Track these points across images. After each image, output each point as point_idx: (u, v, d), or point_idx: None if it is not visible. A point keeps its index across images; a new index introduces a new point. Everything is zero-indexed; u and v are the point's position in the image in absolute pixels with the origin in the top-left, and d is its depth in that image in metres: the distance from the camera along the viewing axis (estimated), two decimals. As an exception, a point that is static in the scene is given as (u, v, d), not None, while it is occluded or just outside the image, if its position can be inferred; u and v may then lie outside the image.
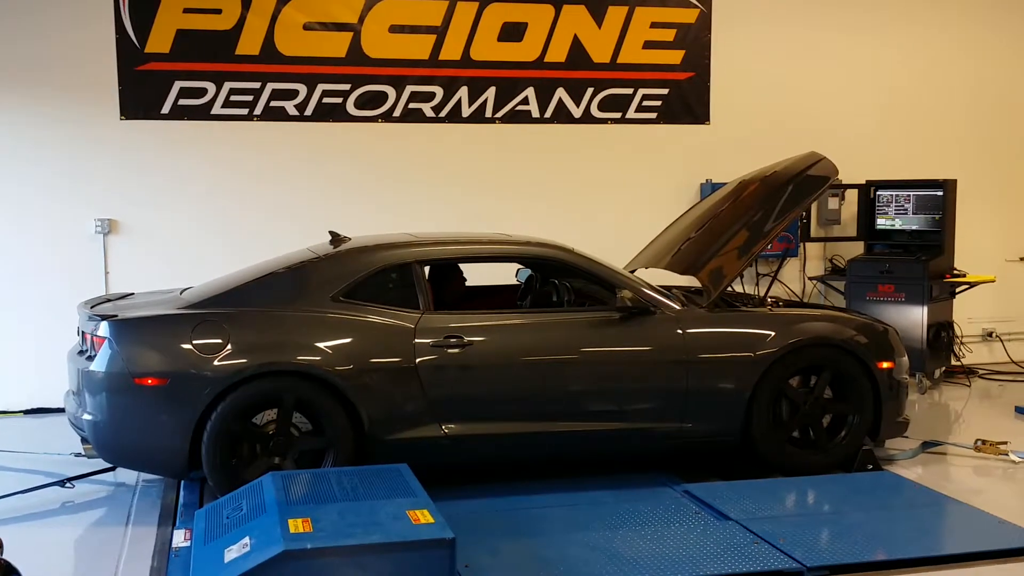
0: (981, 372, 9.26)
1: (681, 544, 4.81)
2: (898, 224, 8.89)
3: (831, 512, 5.50)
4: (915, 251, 8.68)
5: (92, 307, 5.77)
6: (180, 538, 4.83)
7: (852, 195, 9.18)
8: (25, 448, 6.62)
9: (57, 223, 7.77)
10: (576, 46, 8.60)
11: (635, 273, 6.79)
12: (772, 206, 6.40)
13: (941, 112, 9.56)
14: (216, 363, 5.23)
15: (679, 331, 5.86)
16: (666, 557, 4.66)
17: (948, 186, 8.63)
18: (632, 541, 4.87)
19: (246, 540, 4.14)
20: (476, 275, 6.90)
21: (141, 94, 7.82)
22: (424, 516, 4.30)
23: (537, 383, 5.68)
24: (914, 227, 8.81)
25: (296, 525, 4.14)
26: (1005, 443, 6.57)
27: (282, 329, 5.43)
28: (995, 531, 5.10)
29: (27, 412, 7.73)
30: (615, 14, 8.65)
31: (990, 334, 9.75)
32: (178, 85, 7.88)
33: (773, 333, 5.95)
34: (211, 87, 7.94)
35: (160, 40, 7.79)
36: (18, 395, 7.73)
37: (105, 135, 7.81)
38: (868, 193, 9.03)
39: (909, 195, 8.80)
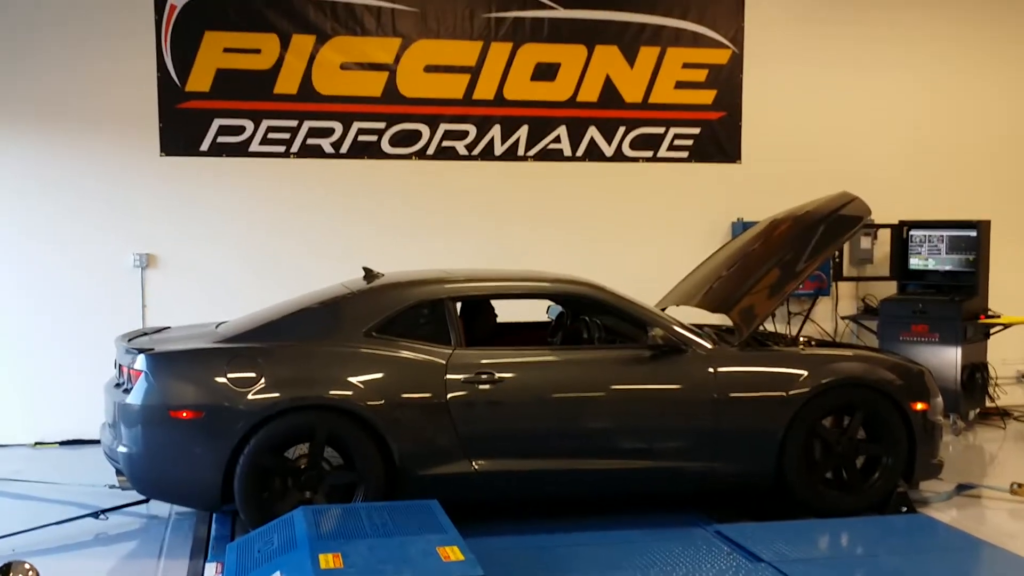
0: (1016, 414, 9.14)
1: (712, 585, 4.79)
2: (931, 264, 8.84)
3: (864, 555, 5.46)
4: (948, 291, 8.63)
5: (129, 340, 5.86)
6: (212, 571, 4.87)
7: (885, 235, 9.14)
8: (61, 479, 6.70)
9: (97, 257, 7.91)
10: (608, 86, 8.68)
11: (666, 311, 6.81)
12: (804, 245, 6.39)
13: (974, 152, 9.53)
14: (250, 397, 5.29)
15: (710, 370, 5.85)
16: (696, 598, 4.63)
17: (982, 227, 8.58)
18: (664, 582, 4.85)
19: (277, 574, 4.17)
20: (507, 311, 6.94)
21: (181, 131, 7.98)
22: (454, 553, 4.31)
23: (567, 420, 5.69)
24: (947, 267, 8.76)
25: (327, 560, 4.17)
26: (1042, 487, 6.49)
27: (315, 364, 5.49)
28: (1030, 576, 5.05)
29: (63, 443, 7.83)
30: (647, 55, 8.72)
31: (1025, 376, 9.65)
32: (217, 123, 8.02)
33: (806, 373, 5.92)
34: (249, 125, 8.08)
35: (200, 79, 7.95)
36: (55, 427, 7.84)
37: (145, 171, 7.96)
38: (901, 233, 8.99)
39: (943, 235, 8.76)
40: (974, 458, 7.84)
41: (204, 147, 8.02)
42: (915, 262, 8.94)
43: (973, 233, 8.59)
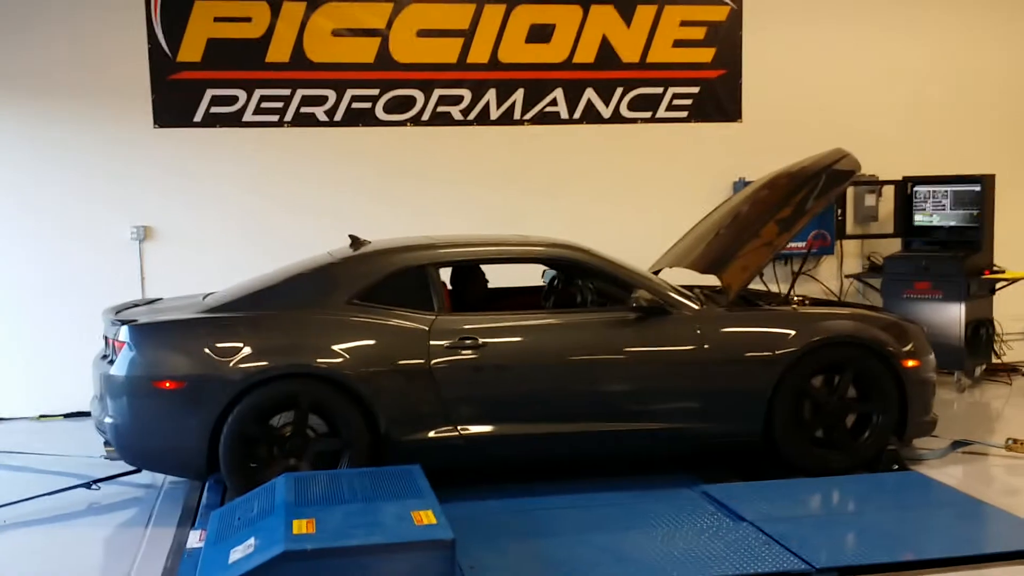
0: (1024, 370, 9.06)
1: (691, 545, 4.78)
2: (936, 220, 8.72)
3: (850, 512, 5.45)
4: (953, 247, 8.51)
5: (117, 312, 5.91)
6: (195, 539, 4.92)
7: (889, 191, 9.01)
8: (61, 451, 6.79)
9: (94, 230, 7.97)
10: (605, 46, 8.58)
11: (660, 273, 6.78)
12: (794, 203, 6.33)
13: (978, 106, 9.35)
14: (232, 366, 5.32)
15: (697, 330, 5.82)
16: (673, 558, 4.63)
17: (986, 181, 8.44)
18: (642, 542, 4.85)
19: (251, 541, 4.21)
20: (506, 276, 6.92)
21: (174, 102, 7.99)
22: (427, 517, 4.33)
23: (551, 384, 5.69)
24: (952, 223, 8.63)
25: (300, 526, 4.19)
26: (1039, 442, 6.43)
27: (298, 332, 5.51)
28: (1017, 531, 4.99)
29: (67, 416, 7.93)
30: (644, 13, 8.60)
31: (1035, 331, 9.51)
32: (210, 93, 8.02)
33: (793, 332, 5.88)
34: (242, 94, 8.07)
35: (192, 49, 7.94)
36: (58, 400, 7.93)
37: (139, 143, 7.99)
38: (905, 189, 8.86)
39: (947, 191, 8.62)
40: (976, 415, 7.76)
41: (197, 118, 8.02)
42: (920, 218, 8.82)
43: (977, 188, 8.46)
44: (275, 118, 8.15)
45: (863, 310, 6.56)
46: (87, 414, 7.72)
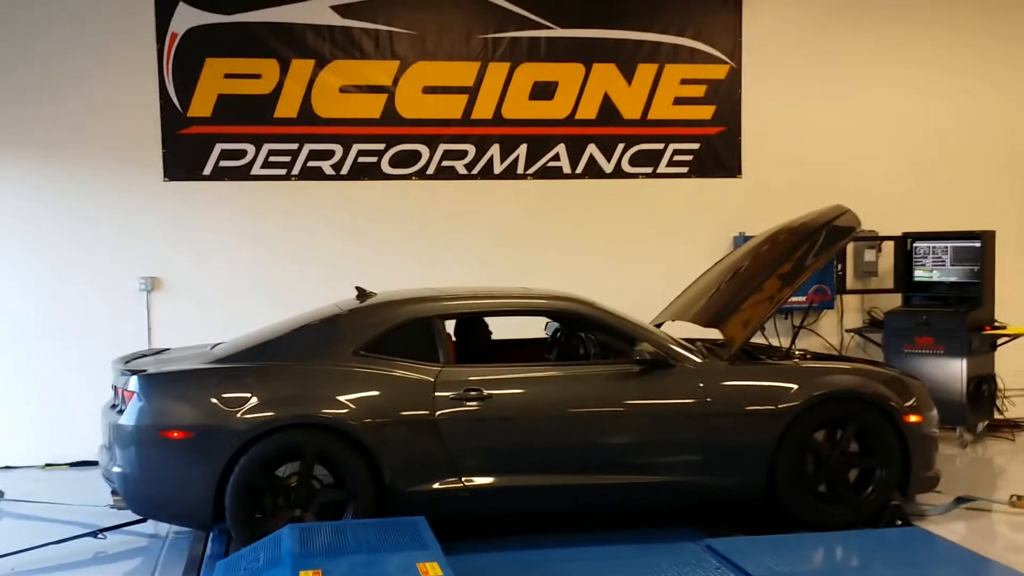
0: (1027, 426, 9.07)
1: (696, 599, 4.79)
2: (936, 276, 8.80)
3: (855, 568, 5.44)
4: (954, 303, 8.57)
5: (126, 362, 5.96)
6: (201, 588, 4.93)
7: (889, 247, 9.11)
8: (67, 500, 6.79)
9: (102, 280, 8.06)
10: (606, 103, 8.73)
11: (662, 327, 6.84)
12: (795, 258, 6.40)
13: (978, 162, 9.48)
14: (239, 416, 5.36)
15: (699, 384, 5.86)
16: (679, 612, 4.64)
17: (986, 237, 8.53)
18: (648, 596, 4.85)
19: (258, 590, 4.23)
20: (508, 329, 6.98)
21: (184, 156, 8.12)
22: (433, 569, 4.34)
23: (555, 436, 5.72)
24: (952, 279, 8.71)
25: (307, 576, 4.21)
26: (1042, 498, 6.44)
27: (304, 383, 5.56)
28: (1023, 588, 5.00)
29: (73, 465, 7.94)
30: (645, 71, 8.77)
31: (1036, 387, 9.54)
32: (219, 147, 8.16)
33: (796, 386, 5.92)
34: (251, 149, 8.21)
35: (202, 104, 8.10)
36: (65, 448, 7.94)
37: (149, 196, 8.11)
38: (905, 245, 8.96)
39: (947, 247, 8.71)
40: (979, 471, 7.77)
41: (207, 171, 8.16)
42: (920, 274, 8.90)
43: (977, 244, 8.55)
44: (283, 172, 8.28)
45: (865, 365, 6.61)
46: (93, 463, 7.72)
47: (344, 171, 8.36)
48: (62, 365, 8.00)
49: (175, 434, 5.35)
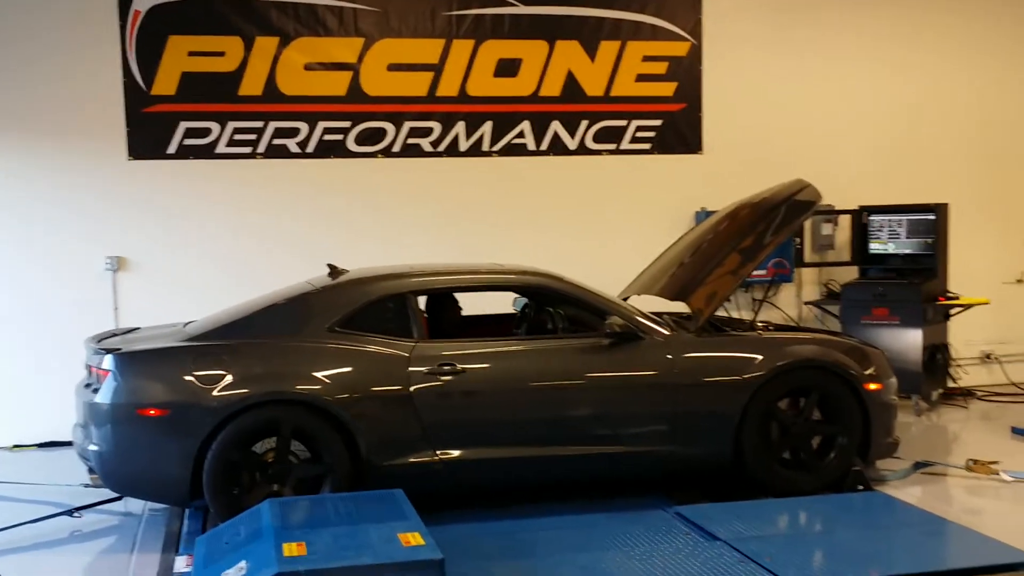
0: (980, 394, 9.34)
1: (669, 564, 4.93)
2: (891, 248, 9.02)
3: (819, 531, 5.63)
4: (909, 275, 8.80)
5: (98, 341, 5.97)
6: (182, 564, 4.99)
7: (846, 220, 9.31)
8: (38, 480, 6.78)
9: (67, 261, 8.01)
10: (570, 80, 8.81)
11: (629, 300, 6.96)
12: (757, 232, 6.54)
13: (933, 136, 9.70)
14: (216, 393, 5.40)
15: (668, 356, 6.00)
16: (653, 576, 4.78)
17: (940, 210, 8.75)
18: (622, 562, 4.99)
19: (242, 564, 4.29)
20: (476, 304, 7.07)
21: (148, 135, 8.07)
22: (415, 538, 4.44)
23: (528, 408, 5.83)
24: (907, 251, 8.93)
25: (291, 549, 4.28)
26: (996, 463, 6.66)
27: (280, 359, 5.61)
28: (980, 549, 5.19)
29: (41, 445, 7.90)
30: (608, 48, 8.86)
31: (988, 356, 9.82)
32: (184, 126, 8.12)
33: (761, 356, 6.08)
34: (215, 127, 8.18)
35: (166, 83, 8.05)
36: (33, 429, 7.91)
37: (114, 175, 8.06)
38: (861, 219, 9.16)
39: (902, 219, 8.93)
40: (935, 437, 8.01)
41: (171, 150, 8.12)
42: (875, 247, 9.11)
43: (931, 216, 8.77)
44: (248, 150, 8.26)
45: (826, 335, 6.78)
46: (62, 443, 7.75)
47: (310, 149, 8.36)
48: (27, 346, 7.95)
49: (151, 412, 5.38)
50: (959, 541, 5.40)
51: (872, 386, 6.23)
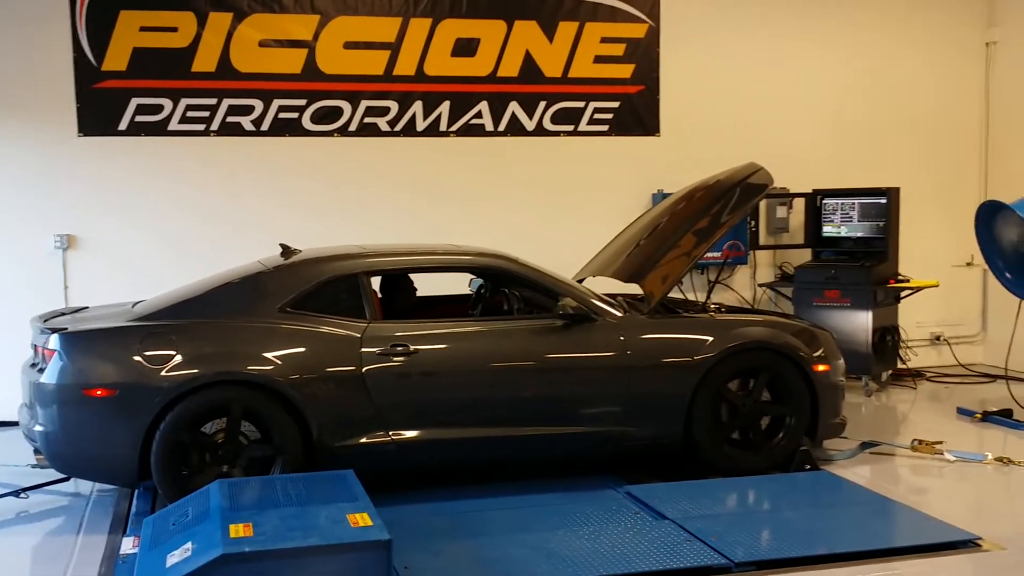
0: (928, 375, 9.49)
1: (617, 543, 4.98)
2: (844, 231, 9.12)
3: (766, 510, 5.70)
4: (860, 257, 8.91)
5: (45, 321, 5.89)
6: (128, 545, 4.96)
7: (800, 203, 9.39)
8: (-17, 461, 6.72)
9: (17, 239, 7.89)
10: (528, 61, 8.79)
11: (584, 282, 6.99)
12: (710, 215, 6.60)
13: (886, 123, 9.81)
14: (164, 374, 5.36)
15: (620, 337, 6.03)
16: (600, 555, 4.83)
17: (891, 194, 8.86)
18: (570, 541, 5.03)
19: (188, 545, 4.27)
20: (433, 285, 7.05)
21: (99, 111, 7.95)
22: (363, 519, 4.43)
23: (480, 390, 5.84)
24: (859, 234, 9.03)
25: (237, 530, 4.26)
26: (940, 443, 6.78)
27: (230, 340, 5.57)
28: (922, 527, 5.30)
29: (-13, 426, 7.82)
30: (566, 29, 8.84)
31: (938, 338, 9.98)
32: (135, 102, 8.01)
33: (712, 338, 6.13)
34: (168, 104, 8.08)
35: (117, 58, 7.93)
36: (-22, 409, 7.82)
37: (63, 152, 7.94)
38: (815, 201, 9.24)
39: (854, 203, 9.02)
40: (883, 418, 8.13)
41: (122, 126, 8.01)
42: (828, 230, 9.21)
43: (883, 200, 8.87)
44: (201, 127, 8.17)
45: (776, 317, 6.86)
46: (7, 424, 7.66)
47: (264, 127, 8.28)
48: (-25, 325, 7.84)
49: (98, 392, 5.32)
50: (903, 520, 5.49)
51: (820, 367, 6.31)
